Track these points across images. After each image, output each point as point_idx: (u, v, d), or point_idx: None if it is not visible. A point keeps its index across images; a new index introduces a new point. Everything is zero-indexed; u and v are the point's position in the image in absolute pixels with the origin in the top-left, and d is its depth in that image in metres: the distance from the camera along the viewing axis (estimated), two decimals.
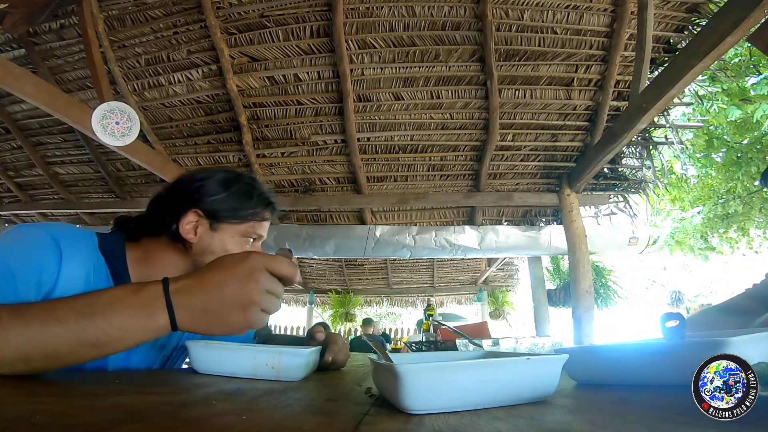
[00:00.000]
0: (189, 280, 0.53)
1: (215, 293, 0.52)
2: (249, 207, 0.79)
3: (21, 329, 0.46)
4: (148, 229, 0.77)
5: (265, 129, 3.69)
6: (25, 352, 0.45)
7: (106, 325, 0.48)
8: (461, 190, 4.00)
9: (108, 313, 0.49)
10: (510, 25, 3.05)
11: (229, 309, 0.52)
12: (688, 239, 7.05)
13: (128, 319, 0.49)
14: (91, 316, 0.48)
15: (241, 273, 0.53)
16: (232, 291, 0.52)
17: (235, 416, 0.36)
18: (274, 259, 0.55)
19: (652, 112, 2.39)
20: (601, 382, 0.56)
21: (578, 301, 3.39)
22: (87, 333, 0.47)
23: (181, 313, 0.51)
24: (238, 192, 0.79)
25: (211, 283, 0.52)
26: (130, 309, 0.50)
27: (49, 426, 0.28)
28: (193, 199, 0.77)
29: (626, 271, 6.71)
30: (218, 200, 0.77)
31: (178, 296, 0.51)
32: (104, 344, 0.48)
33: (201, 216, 0.76)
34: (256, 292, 0.53)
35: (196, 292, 0.52)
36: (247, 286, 0.52)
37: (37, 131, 4.03)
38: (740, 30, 1.68)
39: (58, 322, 0.47)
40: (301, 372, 0.67)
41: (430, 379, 0.39)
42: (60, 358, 0.47)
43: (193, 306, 0.52)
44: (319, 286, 7.91)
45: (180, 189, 0.80)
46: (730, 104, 5.10)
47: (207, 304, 0.52)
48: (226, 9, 3.03)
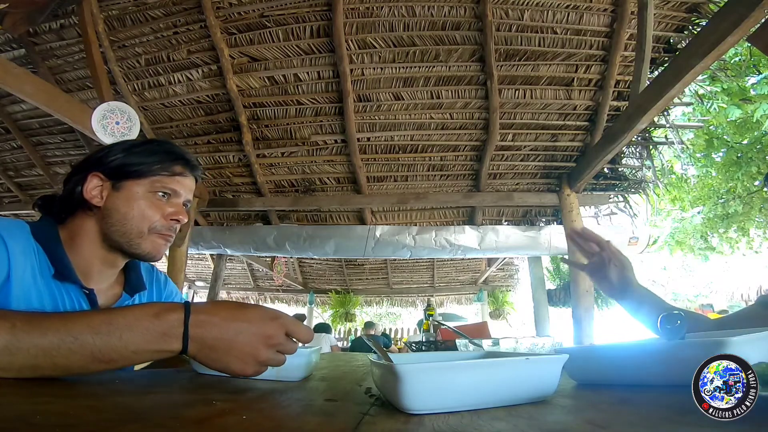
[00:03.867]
0: (211, 317, 0.53)
1: (229, 338, 0.52)
2: (152, 162, 0.76)
3: (35, 340, 0.46)
4: (67, 207, 0.76)
5: (265, 129, 3.69)
6: (36, 363, 0.46)
7: (121, 347, 0.49)
8: (461, 190, 4.00)
9: (125, 336, 0.49)
10: (510, 25, 3.05)
11: (235, 355, 0.53)
12: (688, 239, 7.06)
13: (144, 344, 0.50)
14: (108, 336, 0.49)
15: (260, 331, 0.53)
16: (245, 343, 0.53)
17: (235, 416, 0.36)
18: (296, 324, 0.56)
19: (652, 112, 2.38)
20: (601, 382, 0.56)
21: (578, 301, 3.39)
22: (101, 352, 0.48)
23: (192, 345, 0.52)
24: (141, 150, 0.77)
25: (229, 328, 0.53)
26: (147, 335, 0.50)
27: (49, 426, 0.28)
28: (94, 163, 0.76)
29: None
30: (118, 159, 0.76)
31: (196, 329, 0.52)
32: (116, 362, 0.49)
33: (103, 178, 0.75)
34: (266, 354, 0.54)
35: (213, 331, 0.52)
36: (261, 347, 0.53)
37: (37, 131, 4.03)
38: (740, 30, 1.68)
39: (73, 339, 0.47)
40: (301, 372, 0.67)
41: (430, 379, 0.39)
42: (69, 371, 0.48)
43: (204, 341, 0.52)
44: (319, 286, 7.91)
45: (84, 158, 0.80)
46: (730, 104, 5.10)
47: (217, 343, 0.52)
48: (226, 9, 3.03)
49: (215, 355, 0.53)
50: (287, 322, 0.55)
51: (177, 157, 0.79)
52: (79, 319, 0.50)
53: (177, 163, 0.79)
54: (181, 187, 0.79)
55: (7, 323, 0.46)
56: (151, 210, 0.75)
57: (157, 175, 0.76)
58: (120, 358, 0.49)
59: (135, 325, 0.50)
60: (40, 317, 0.49)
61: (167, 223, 0.76)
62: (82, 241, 0.74)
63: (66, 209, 0.76)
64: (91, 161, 0.77)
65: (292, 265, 7.06)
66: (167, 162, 0.78)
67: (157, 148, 0.78)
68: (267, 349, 0.53)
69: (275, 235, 4.22)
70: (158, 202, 0.76)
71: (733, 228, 6.63)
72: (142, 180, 0.75)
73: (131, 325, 0.50)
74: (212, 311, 0.54)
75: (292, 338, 0.56)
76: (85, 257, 0.74)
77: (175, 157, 0.79)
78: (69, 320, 0.49)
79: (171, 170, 0.78)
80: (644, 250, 4.22)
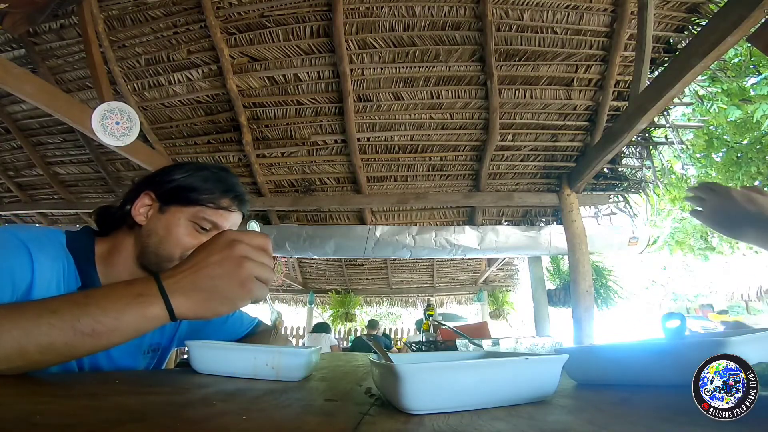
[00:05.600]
0: (177, 269, 0.54)
1: (204, 271, 0.52)
2: (201, 191, 0.75)
3: (15, 321, 0.46)
4: (114, 220, 0.78)
5: (265, 129, 3.69)
6: (21, 345, 0.45)
7: (100, 314, 0.48)
8: (461, 190, 4.00)
9: (102, 302, 0.49)
10: (510, 25, 3.05)
11: (224, 284, 0.52)
12: (688, 239, 7.06)
13: (123, 308, 0.49)
14: (85, 306, 0.48)
15: (219, 247, 0.53)
16: (219, 265, 0.52)
17: (235, 416, 0.36)
18: (244, 232, 0.56)
19: (652, 112, 2.38)
20: (601, 382, 0.56)
21: (578, 301, 3.39)
22: (81, 323, 0.47)
23: (177, 299, 0.51)
24: (196, 177, 0.77)
25: (197, 263, 0.53)
26: (124, 298, 0.50)
27: (49, 426, 0.28)
28: (150, 183, 0.77)
29: (626, 271, 6.71)
30: (173, 183, 0.76)
31: (169, 282, 0.52)
32: (100, 334, 0.48)
33: (153, 199, 0.76)
34: (245, 261, 0.53)
35: (185, 274, 0.52)
36: (232, 256, 0.52)
37: (37, 131, 4.03)
38: (740, 30, 1.68)
39: (52, 313, 0.47)
40: (301, 372, 0.67)
41: (430, 379, 0.39)
42: (56, 350, 0.47)
43: (185, 288, 0.52)
44: (319, 286, 7.91)
45: (146, 176, 0.81)
46: (730, 104, 5.10)
47: (198, 283, 0.52)
48: (226, 9, 3.03)
49: (206, 294, 0.52)
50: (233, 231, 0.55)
51: (228, 190, 0.78)
52: (57, 297, 0.50)
53: (226, 197, 0.78)
54: (224, 221, 0.78)
55: None
56: (188, 239, 0.74)
57: (203, 206, 0.76)
58: (104, 328, 0.48)
59: (110, 292, 0.51)
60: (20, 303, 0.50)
61: None
62: (119, 255, 0.75)
63: (113, 222, 0.77)
64: (148, 180, 0.78)
65: (292, 265, 7.06)
66: (217, 194, 0.77)
67: (212, 177, 0.78)
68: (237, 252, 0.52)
69: (275, 235, 4.22)
70: (195, 233, 0.75)
71: None
72: (187, 208, 0.75)
73: (107, 293, 0.51)
74: (177, 265, 0.55)
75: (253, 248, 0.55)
76: (119, 272, 0.75)
77: (226, 189, 0.78)
78: (47, 300, 0.49)
79: (218, 203, 0.77)
80: (644, 250, 4.22)
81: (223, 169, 0.82)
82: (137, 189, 0.78)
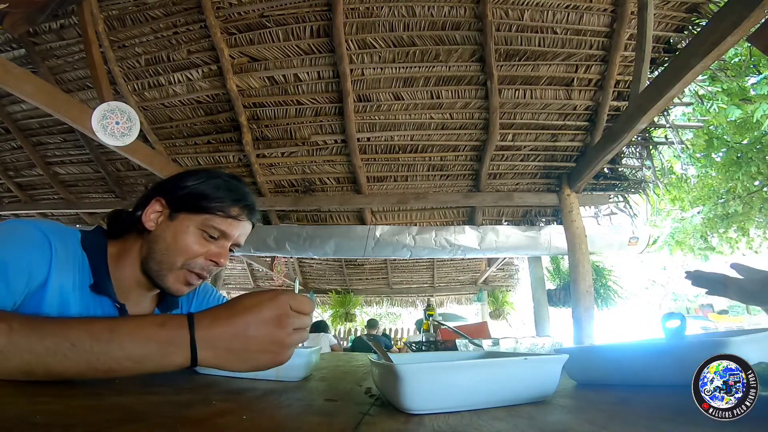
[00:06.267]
0: (215, 319, 0.51)
1: (241, 334, 0.50)
2: (212, 199, 0.75)
3: (32, 344, 0.44)
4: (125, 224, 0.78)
5: (265, 129, 3.69)
6: (30, 368, 0.44)
7: (121, 356, 0.46)
8: (461, 190, 4.00)
9: (126, 344, 0.47)
10: (510, 25, 3.04)
11: (257, 349, 0.51)
12: (688, 239, 7.06)
13: (147, 354, 0.47)
14: (108, 344, 0.46)
15: (269, 317, 0.51)
16: (261, 334, 0.51)
17: (235, 416, 0.36)
18: (295, 297, 0.54)
19: (652, 112, 2.38)
20: (601, 382, 0.56)
21: (578, 301, 3.38)
22: (99, 361, 0.46)
23: (204, 352, 0.49)
24: (207, 185, 0.76)
25: (238, 324, 0.51)
26: (150, 344, 0.48)
27: (49, 426, 0.28)
28: (162, 189, 0.77)
29: (626, 271, 6.71)
30: (184, 190, 0.75)
31: (203, 335, 0.49)
32: (113, 372, 0.47)
33: (164, 205, 0.75)
34: (287, 337, 0.52)
35: (222, 332, 0.50)
36: (277, 331, 0.51)
37: (37, 131, 4.02)
38: (740, 30, 1.68)
39: (71, 345, 0.45)
40: (301, 372, 0.67)
41: (430, 379, 0.39)
42: (63, 377, 0.46)
43: (217, 345, 0.50)
44: (319, 286, 7.91)
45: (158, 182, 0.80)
46: (730, 104, 5.10)
47: (233, 344, 0.50)
48: (226, 9, 3.02)
49: (236, 356, 0.51)
50: (288, 298, 0.54)
51: (238, 199, 0.77)
52: (80, 325, 0.47)
53: (236, 206, 0.77)
54: (233, 230, 0.77)
55: (5, 326, 0.45)
56: (195, 246, 0.74)
57: (212, 214, 0.74)
58: (119, 368, 0.47)
59: (137, 333, 0.48)
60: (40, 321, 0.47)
61: (205, 263, 0.75)
62: (127, 260, 0.75)
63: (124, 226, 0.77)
64: (160, 186, 0.78)
65: (292, 265, 7.06)
66: (228, 202, 0.76)
67: (223, 185, 0.77)
68: (283, 330, 0.52)
69: (275, 235, 4.22)
70: (204, 241, 0.75)
71: (733, 228, 6.63)
72: (196, 216, 0.74)
73: (133, 333, 0.48)
74: (213, 313, 0.52)
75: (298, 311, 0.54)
76: (126, 276, 0.75)
77: (236, 198, 0.77)
78: (68, 325, 0.47)
79: (227, 212, 0.75)
80: (644, 250, 4.22)
81: (234, 178, 0.81)
82: (149, 195, 0.77)
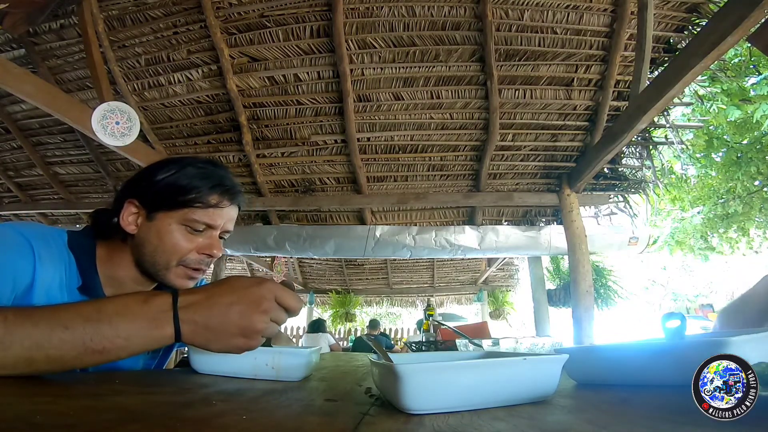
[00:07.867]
0: (197, 296, 0.53)
1: (220, 313, 0.52)
2: (186, 192, 0.70)
3: (27, 331, 0.46)
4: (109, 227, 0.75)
5: (265, 129, 3.69)
6: (30, 355, 0.45)
7: (112, 334, 0.49)
8: (461, 190, 4.00)
9: (115, 321, 0.49)
10: (510, 25, 3.05)
11: (232, 331, 0.52)
12: (688, 239, 7.06)
13: (135, 329, 0.50)
14: (98, 323, 0.48)
15: (250, 300, 0.53)
16: (238, 316, 0.52)
17: (235, 416, 0.36)
18: (283, 290, 0.55)
19: (652, 112, 2.38)
20: (601, 382, 0.56)
21: (578, 301, 3.38)
22: (93, 341, 0.48)
23: (185, 327, 0.52)
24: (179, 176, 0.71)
25: (219, 303, 0.53)
26: (137, 319, 0.50)
27: (49, 426, 0.28)
28: (133, 189, 0.73)
29: (626, 271, 6.71)
30: (153, 186, 0.71)
31: (185, 311, 0.52)
32: (108, 351, 0.49)
33: (138, 206, 0.72)
34: (262, 322, 0.53)
35: (203, 309, 0.52)
36: (254, 315, 0.53)
37: (37, 131, 4.03)
38: (740, 30, 1.68)
39: (64, 328, 0.47)
40: (301, 372, 0.67)
41: (430, 379, 0.39)
42: (64, 363, 0.47)
43: (197, 321, 0.52)
44: (319, 286, 7.92)
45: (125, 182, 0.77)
46: (730, 104, 5.10)
47: (210, 321, 0.52)
48: (226, 9, 3.02)
49: (210, 334, 0.52)
50: (275, 287, 0.55)
51: (215, 186, 0.72)
52: (70, 309, 0.49)
53: (214, 193, 0.72)
54: (217, 219, 0.73)
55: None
56: (183, 243, 0.72)
57: (190, 207, 0.71)
58: (113, 346, 0.49)
59: (124, 311, 0.50)
60: (31, 309, 0.49)
61: (198, 257, 0.73)
62: (119, 261, 0.74)
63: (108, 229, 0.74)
64: (130, 186, 0.75)
65: (292, 265, 7.06)
66: (204, 191, 0.71)
67: (196, 174, 0.72)
68: (261, 316, 0.53)
69: (275, 235, 4.22)
70: (190, 236, 0.72)
71: (733, 228, 6.63)
72: (174, 212, 0.71)
73: (120, 311, 0.50)
74: (199, 291, 0.54)
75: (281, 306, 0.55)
76: (120, 275, 0.74)
77: (212, 185, 0.72)
78: (60, 310, 0.49)
79: (206, 202, 0.71)
80: (644, 250, 4.22)
81: (209, 162, 0.76)
82: (121, 197, 0.73)
